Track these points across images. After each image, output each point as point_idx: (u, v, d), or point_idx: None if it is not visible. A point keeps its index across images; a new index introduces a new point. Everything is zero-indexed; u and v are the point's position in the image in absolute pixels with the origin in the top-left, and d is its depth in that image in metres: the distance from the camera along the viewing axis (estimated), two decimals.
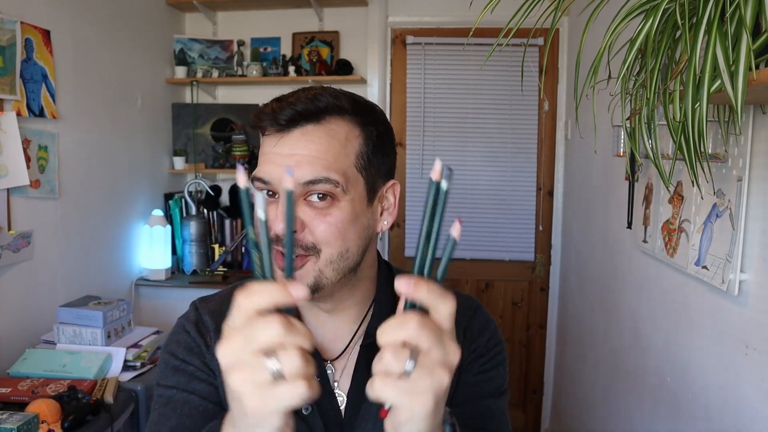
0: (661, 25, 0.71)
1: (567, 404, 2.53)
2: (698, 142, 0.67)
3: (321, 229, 0.68)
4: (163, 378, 0.80)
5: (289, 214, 0.48)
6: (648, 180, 1.48)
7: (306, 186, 0.67)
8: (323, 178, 0.67)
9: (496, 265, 2.90)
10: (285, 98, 0.70)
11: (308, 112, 0.68)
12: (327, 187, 0.67)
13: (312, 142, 0.68)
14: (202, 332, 0.81)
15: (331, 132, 0.69)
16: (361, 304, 0.80)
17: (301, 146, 0.68)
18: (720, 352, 1.12)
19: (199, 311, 0.84)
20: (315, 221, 0.68)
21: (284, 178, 0.47)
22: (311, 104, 0.68)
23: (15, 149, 1.77)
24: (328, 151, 0.68)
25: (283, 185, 0.48)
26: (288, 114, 0.68)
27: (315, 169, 0.67)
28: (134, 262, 2.55)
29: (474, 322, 0.87)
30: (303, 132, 0.68)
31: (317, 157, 0.67)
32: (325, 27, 2.83)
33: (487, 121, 2.83)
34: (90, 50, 2.17)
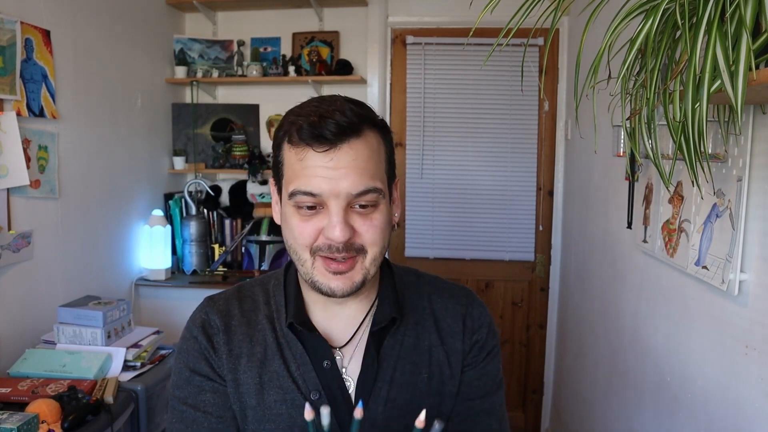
0: (661, 25, 0.71)
1: (567, 404, 2.53)
2: (698, 142, 0.67)
3: (370, 234, 0.75)
4: (176, 387, 0.85)
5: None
6: (648, 180, 1.48)
7: (357, 197, 0.73)
8: (371, 188, 0.74)
9: (496, 265, 2.90)
10: (322, 114, 0.72)
11: (352, 126, 0.72)
12: (373, 197, 0.74)
13: (358, 155, 0.73)
14: (209, 335, 0.85)
15: (369, 143, 0.75)
16: (367, 295, 0.86)
17: (349, 159, 0.72)
18: (720, 352, 1.12)
19: (207, 312, 0.87)
20: (363, 227, 0.75)
21: (355, 411, 0.60)
22: (354, 117, 0.72)
23: (15, 149, 1.77)
24: (369, 160, 0.74)
25: (355, 416, 0.61)
26: (334, 129, 0.71)
27: (363, 180, 0.73)
28: (134, 262, 2.55)
29: (473, 311, 0.92)
30: (350, 146, 0.72)
31: (364, 168, 0.73)
32: (325, 27, 2.83)
33: (487, 121, 2.83)
34: (90, 50, 2.17)
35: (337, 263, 0.75)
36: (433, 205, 2.90)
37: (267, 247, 2.71)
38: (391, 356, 0.84)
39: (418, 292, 0.91)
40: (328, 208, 0.73)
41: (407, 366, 0.84)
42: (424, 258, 2.94)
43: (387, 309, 0.84)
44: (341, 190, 0.72)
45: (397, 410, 0.82)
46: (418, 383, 0.84)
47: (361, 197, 0.73)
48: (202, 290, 2.54)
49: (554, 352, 2.88)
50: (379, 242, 0.76)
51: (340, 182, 0.71)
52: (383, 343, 0.84)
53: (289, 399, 0.80)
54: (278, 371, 0.81)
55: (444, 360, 0.86)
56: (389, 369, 0.83)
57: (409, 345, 0.85)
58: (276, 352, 0.83)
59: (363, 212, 0.75)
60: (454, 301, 0.92)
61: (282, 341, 0.83)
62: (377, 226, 0.75)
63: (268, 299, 0.88)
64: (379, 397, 0.82)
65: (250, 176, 2.79)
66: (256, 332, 0.85)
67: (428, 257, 2.94)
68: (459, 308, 0.91)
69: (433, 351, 0.86)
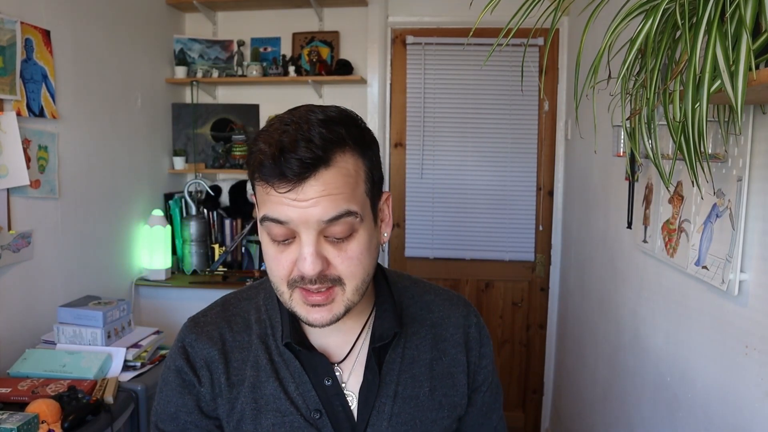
0: (661, 25, 0.71)
1: (567, 404, 2.53)
2: (698, 142, 0.67)
3: (345, 265, 0.70)
4: (160, 420, 0.82)
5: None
6: (648, 180, 1.48)
7: (329, 223, 0.67)
8: (345, 212, 0.67)
9: (496, 265, 2.90)
10: (283, 147, 0.65)
11: (317, 160, 0.66)
12: (349, 220, 0.68)
13: (327, 185, 0.66)
14: (195, 369, 0.81)
15: (341, 170, 0.68)
16: (364, 308, 0.83)
17: (318, 190, 0.66)
18: (720, 352, 1.12)
19: (193, 342, 0.82)
20: (337, 259, 0.69)
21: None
22: (317, 150, 0.65)
23: (15, 149, 1.77)
24: (344, 186, 0.68)
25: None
26: (297, 167, 0.65)
27: (337, 204, 0.67)
28: (134, 262, 2.55)
29: (472, 321, 0.91)
30: (317, 179, 0.66)
31: (337, 194, 0.67)
32: (325, 27, 2.83)
33: (487, 121, 2.83)
34: (90, 50, 2.17)
35: (313, 295, 0.70)
36: (433, 205, 2.90)
37: None
38: (393, 370, 0.82)
39: (415, 299, 0.89)
40: (300, 239, 0.68)
41: (409, 380, 0.82)
42: (424, 258, 2.94)
43: (387, 322, 0.81)
44: (310, 218, 0.66)
45: (401, 425, 0.80)
46: (420, 396, 0.82)
47: (335, 223, 0.67)
48: (202, 290, 2.54)
49: (554, 352, 2.88)
50: (358, 273, 0.71)
51: (309, 210, 0.66)
52: (385, 357, 0.81)
53: (288, 422, 0.77)
54: (274, 394, 0.78)
55: (446, 372, 0.85)
56: (392, 383, 0.81)
57: (410, 358, 0.83)
58: (270, 374, 0.79)
59: (337, 242, 0.69)
60: (453, 310, 0.90)
61: (277, 360, 0.80)
62: (352, 257, 0.70)
63: (259, 316, 0.83)
64: (383, 413, 0.79)
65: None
66: (249, 354, 0.81)
67: (428, 257, 2.94)
68: (459, 319, 0.89)
69: (434, 364, 0.85)
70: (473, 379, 0.89)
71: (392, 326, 0.80)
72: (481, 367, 0.90)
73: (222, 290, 2.54)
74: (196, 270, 2.69)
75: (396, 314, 0.82)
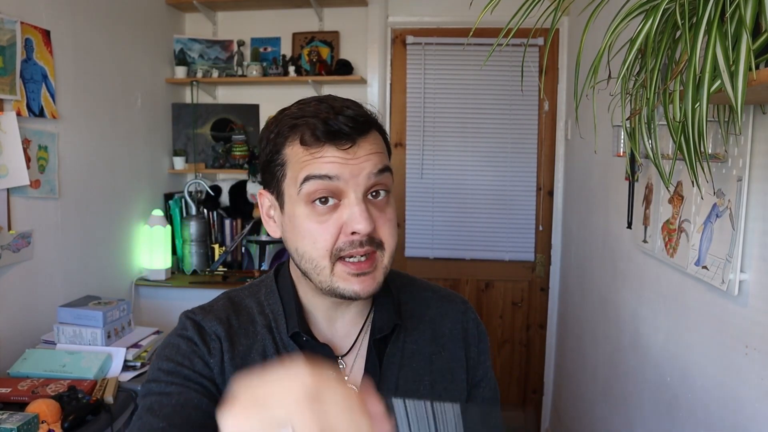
0: (661, 25, 0.71)
1: (567, 404, 2.53)
2: (698, 142, 0.67)
3: (386, 227, 0.75)
4: (155, 380, 0.75)
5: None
6: (648, 180, 1.48)
7: (378, 176, 0.72)
8: (386, 167, 0.74)
9: (496, 265, 2.90)
10: (334, 109, 0.71)
11: (367, 119, 0.74)
12: (389, 177, 0.75)
13: (374, 143, 0.74)
14: (205, 339, 0.78)
15: (378, 137, 0.76)
16: (365, 303, 0.84)
17: (368, 148, 0.73)
18: (720, 352, 1.12)
19: (202, 318, 0.80)
20: (380, 220, 0.74)
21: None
22: (365, 112, 0.74)
23: (15, 149, 1.77)
24: (383, 147, 0.76)
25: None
26: (352, 124, 0.71)
27: (382, 159, 0.74)
28: (134, 262, 2.55)
29: (469, 317, 0.93)
30: (366, 139, 0.73)
31: (380, 152, 0.74)
32: (325, 27, 2.83)
33: (487, 121, 2.83)
34: (90, 50, 2.17)
35: (359, 264, 0.72)
36: (433, 205, 2.90)
37: (267, 247, 2.72)
38: (393, 363, 0.83)
39: (413, 296, 0.91)
40: (347, 198, 0.71)
41: (409, 373, 0.84)
42: (424, 258, 2.94)
43: (387, 315, 0.83)
44: (362, 171, 0.71)
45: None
46: (421, 390, 0.84)
47: (380, 178, 0.73)
48: (202, 290, 2.54)
49: (554, 352, 2.88)
50: (394, 237, 0.76)
51: (361, 165, 0.71)
52: (386, 351, 0.83)
53: None
54: None
55: (445, 367, 0.87)
56: (393, 377, 0.82)
57: (410, 352, 0.85)
58: (277, 364, 0.79)
59: (378, 203, 0.74)
60: (450, 307, 0.92)
61: (283, 352, 0.80)
62: (391, 219, 0.75)
63: (262, 309, 0.83)
64: (385, 406, 0.80)
65: (250, 176, 2.79)
66: (256, 343, 0.80)
67: (428, 257, 2.94)
68: (457, 315, 0.91)
69: (434, 358, 0.86)
70: (472, 375, 0.90)
71: (392, 319, 0.83)
72: (480, 362, 0.91)
73: (222, 290, 2.53)
74: (196, 270, 2.69)
75: (395, 308, 0.84)
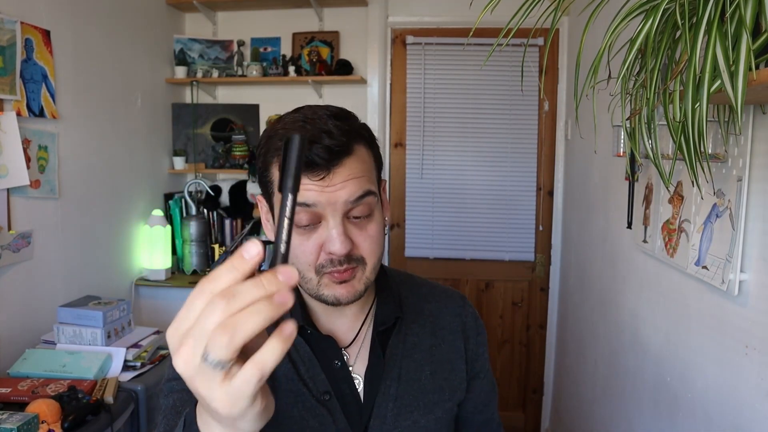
0: (661, 25, 0.71)
1: (567, 404, 2.53)
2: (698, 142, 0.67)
3: (367, 244, 0.75)
4: (174, 374, 0.79)
5: None
6: (648, 180, 1.48)
7: (355, 202, 0.73)
8: (367, 191, 0.74)
9: (496, 265, 2.90)
10: (310, 137, 0.70)
11: (342, 148, 0.72)
12: (370, 200, 0.74)
13: (352, 169, 0.73)
14: None
15: (361, 157, 0.75)
16: (367, 297, 0.87)
17: (344, 175, 0.72)
18: (720, 352, 1.12)
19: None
20: (360, 237, 0.75)
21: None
22: (342, 137, 0.72)
23: (15, 149, 1.77)
24: (364, 171, 0.75)
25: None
26: (325, 154, 0.70)
27: (360, 185, 0.73)
28: (134, 262, 2.55)
29: (467, 311, 0.97)
30: (342, 164, 0.72)
31: (359, 177, 0.73)
32: (325, 27, 2.83)
33: (487, 121, 2.83)
34: (90, 50, 2.17)
35: (341, 273, 0.74)
36: (433, 205, 2.90)
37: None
38: (396, 354, 0.86)
39: (413, 291, 0.94)
40: (326, 221, 0.72)
41: (411, 364, 0.87)
42: (424, 258, 2.94)
43: (389, 308, 0.86)
44: (338, 200, 0.71)
45: (405, 406, 0.84)
46: (422, 379, 0.87)
47: (359, 203, 0.73)
48: None
49: (554, 352, 2.88)
50: (377, 251, 0.77)
51: (336, 193, 0.71)
52: (388, 342, 0.86)
53: (300, 402, 0.80)
54: (287, 375, 0.81)
55: (445, 357, 0.91)
56: (395, 367, 0.85)
57: (411, 343, 0.88)
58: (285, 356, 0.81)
59: (358, 223, 0.75)
60: (449, 301, 0.96)
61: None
62: (373, 236, 0.76)
63: None
64: (388, 395, 0.83)
65: (250, 176, 2.79)
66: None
67: (428, 257, 2.94)
68: (455, 308, 0.95)
69: (434, 350, 0.90)
70: (471, 366, 0.94)
71: (394, 311, 0.86)
72: (479, 354, 0.95)
73: None
74: (196, 270, 2.69)
75: (396, 301, 0.88)
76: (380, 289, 0.89)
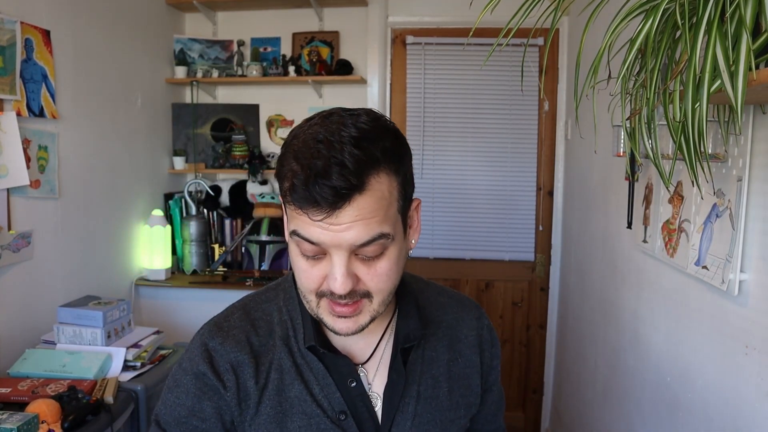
0: (661, 25, 0.71)
1: (567, 404, 2.53)
2: (698, 142, 0.67)
3: (374, 282, 0.70)
4: (165, 423, 0.78)
5: None
6: (648, 180, 1.48)
7: (362, 247, 0.67)
8: (378, 235, 0.67)
9: (496, 265, 2.90)
10: (317, 173, 0.63)
11: (352, 187, 0.63)
12: (381, 242, 0.68)
13: (362, 209, 0.65)
14: (219, 373, 0.77)
15: (377, 194, 0.66)
16: (387, 310, 0.81)
17: (352, 216, 0.64)
18: (720, 352, 1.12)
19: (221, 344, 0.79)
20: (367, 276, 0.70)
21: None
22: (352, 177, 0.63)
23: (15, 149, 1.77)
24: (377, 209, 0.66)
25: None
26: (331, 196, 0.63)
27: (370, 228, 0.66)
28: (134, 262, 2.55)
29: (484, 324, 0.94)
30: (351, 205, 0.64)
31: (370, 218, 0.66)
32: (325, 27, 2.83)
33: (487, 121, 2.83)
34: (90, 50, 2.17)
35: (341, 307, 0.70)
36: (433, 205, 2.90)
37: (267, 247, 2.71)
38: (415, 371, 0.83)
39: (431, 301, 0.90)
40: (330, 257, 0.68)
41: (429, 380, 0.84)
42: (425, 258, 2.94)
43: (413, 323, 0.82)
44: (342, 242, 0.65)
45: (423, 425, 0.81)
46: (440, 397, 0.84)
47: (367, 247, 0.67)
48: (202, 290, 2.54)
49: (554, 352, 2.88)
50: (387, 288, 0.72)
51: (341, 235, 0.65)
52: (408, 357, 0.82)
53: (314, 424, 0.77)
54: (300, 396, 0.77)
55: (462, 373, 0.87)
56: (414, 384, 0.82)
57: (429, 358, 0.85)
58: (295, 377, 0.78)
59: (367, 261, 0.69)
60: (465, 312, 0.92)
61: (300, 362, 0.79)
62: (382, 274, 0.70)
63: (281, 317, 0.82)
64: (407, 413, 0.80)
65: (250, 176, 2.79)
66: (273, 357, 0.79)
67: (428, 257, 2.94)
68: (473, 321, 0.92)
69: (451, 365, 0.87)
70: (485, 380, 0.91)
71: (418, 327, 0.81)
72: (492, 367, 0.93)
73: (222, 290, 2.55)
74: (196, 270, 2.69)
75: (420, 316, 0.83)
76: (401, 301, 0.84)
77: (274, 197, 2.77)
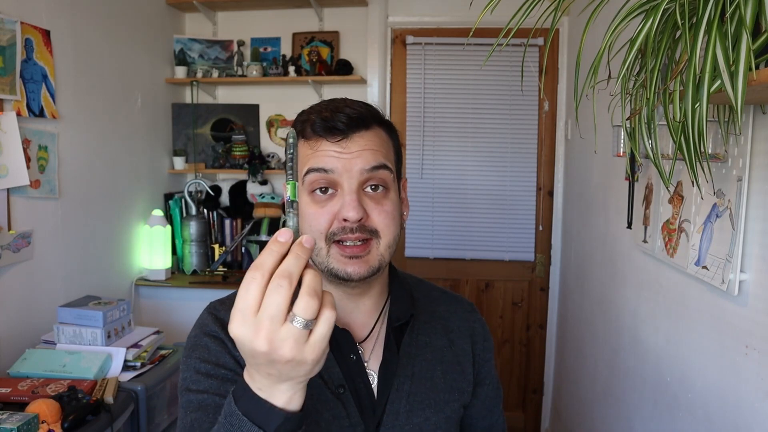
0: (661, 25, 0.71)
1: (567, 404, 2.53)
2: (698, 142, 0.67)
3: (381, 218, 0.78)
4: (193, 383, 0.79)
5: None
6: (648, 180, 1.48)
7: (370, 172, 0.77)
8: (382, 164, 0.78)
9: (496, 265, 2.90)
10: (334, 108, 0.78)
11: (362, 119, 0.78)
12: (385, 174, 0.79)
13: (369, 141, 0.79)
14: (228, 332, 0.79)
15: (378, 135, 0.81)
16: (380, 292, 0.89)
17: (361, 144, 0.78)
18: (720, 352, 1.12)
19: (219, 315, 0.83)
20: (375, 211, 0.78)
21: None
22: (364, 112, 0.79)
23: (15, 149, 1.77)
24: (381, 146, 0.80)
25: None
26: (345, 120, 0.77)
27: (376, 157, 0.78)
28: (134, 262, 2.55)
29: (476, 317, 0.99)
30: (361, 135, 0.78)
31: (376, 150, 0.78)
32: (325, 27, 2.83)
33: (487, 122, 2.83)
34: (90, 50, 2.17)
35: (352, 247, 0.76)
36: (433, 205, 2.90)
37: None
38: (410, 353, 0.88)
39: (424, 293, 0.97)
40: (342, 189, 0.76)
41: (423, 363, 0.88)
42: (424, 258, 2.94)
43: (403, 306, 0.88)
44: (353, 167, 0.76)
45: (417, 404, 0.85)
46: (435, 378, 0.89)
47: (374, 173, 0.77)
48: (202, 290, 2.54)
49: (554, 352, 2.88)
50: (392, 229, 0.79)
51: (353, 161, 0.76)
52: (402, 340, 0.87)
53: (315, 395, 0.80)
54: None
55: (455, 359, 0.92)
56: (409, 364, 0.87)
57: (423, 343, 0.90)
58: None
59: (374, 196, 0.78)
60: (458, 306, 0.98)
61: None
62: (388, 212, 0.78)
63: None
64: (402, 391, 0.85)
65: (250, 176, 2.79)
66: None
67: (428, 257, 2.94)
68: (465, 314, 0.98)
69: (444, 351, 0.92)
70: (478, 371, 0.96)
71: (408, 308, 0.88)
72: (485, 360, 0.97)
73: (222, 290, 2.55)
74: (196, 270, 2.69)
75: (409, 299, 0.90)
76: (393, 287, 0.90)
77: (274, 197, 2.77)
